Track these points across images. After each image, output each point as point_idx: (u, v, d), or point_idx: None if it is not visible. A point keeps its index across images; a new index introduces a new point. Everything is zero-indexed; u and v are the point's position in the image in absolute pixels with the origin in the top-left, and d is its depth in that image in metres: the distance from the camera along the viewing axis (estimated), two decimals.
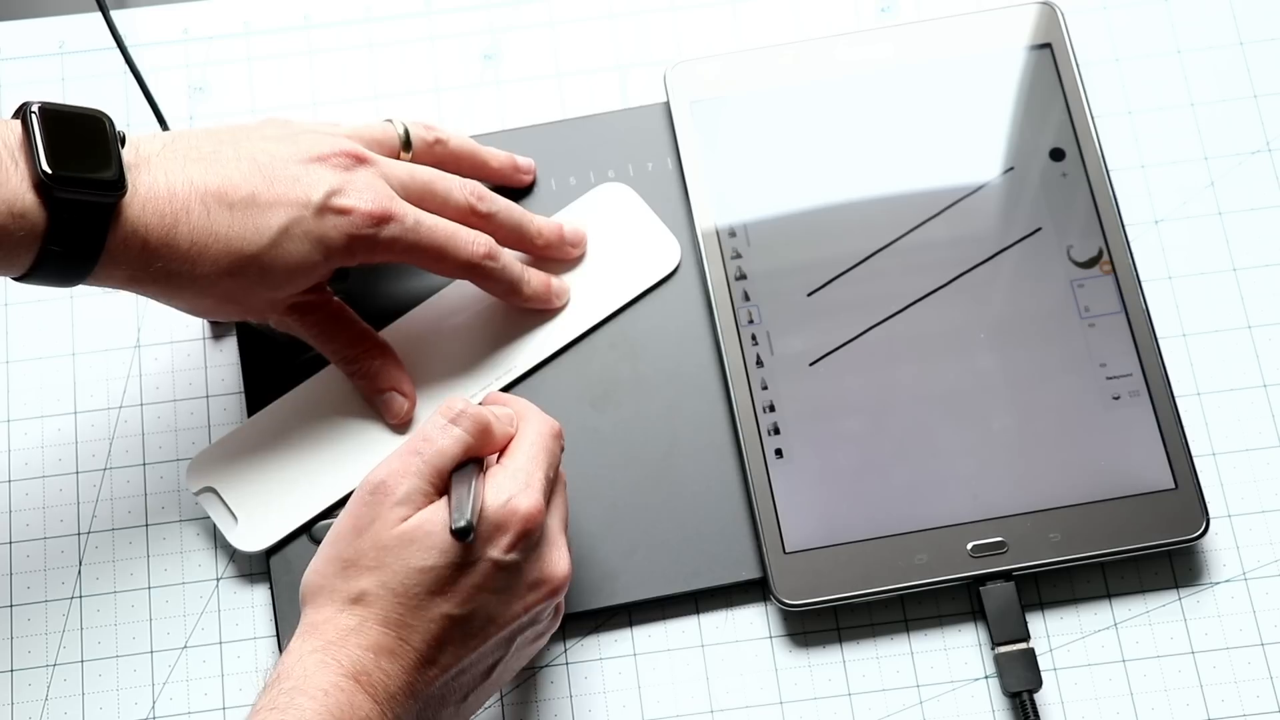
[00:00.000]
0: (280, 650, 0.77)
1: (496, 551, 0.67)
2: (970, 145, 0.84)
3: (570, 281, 0.82)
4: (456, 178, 0.78)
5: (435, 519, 0.67)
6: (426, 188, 0.76)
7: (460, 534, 0.65)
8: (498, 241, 0.78)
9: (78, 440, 0.82)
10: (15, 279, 0.70)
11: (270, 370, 0.81)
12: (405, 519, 0.68)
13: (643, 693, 0.77)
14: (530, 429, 0.72)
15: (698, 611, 0.79)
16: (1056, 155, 0.83)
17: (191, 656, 0.78)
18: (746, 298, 0.82)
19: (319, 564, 0.69)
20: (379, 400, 0.79)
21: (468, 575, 0.67)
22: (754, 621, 0.78)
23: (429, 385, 0.80)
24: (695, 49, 0.89)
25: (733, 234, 0.83)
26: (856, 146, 0.84)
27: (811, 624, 0.78)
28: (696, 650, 0.78)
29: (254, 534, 0.78)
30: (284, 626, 0.77)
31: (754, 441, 0.79)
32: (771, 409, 0.80)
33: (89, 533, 0.80)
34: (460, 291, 0.81)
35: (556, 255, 0.82)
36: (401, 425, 0.79)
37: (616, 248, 0.83)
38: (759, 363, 0.80)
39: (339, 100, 0.88)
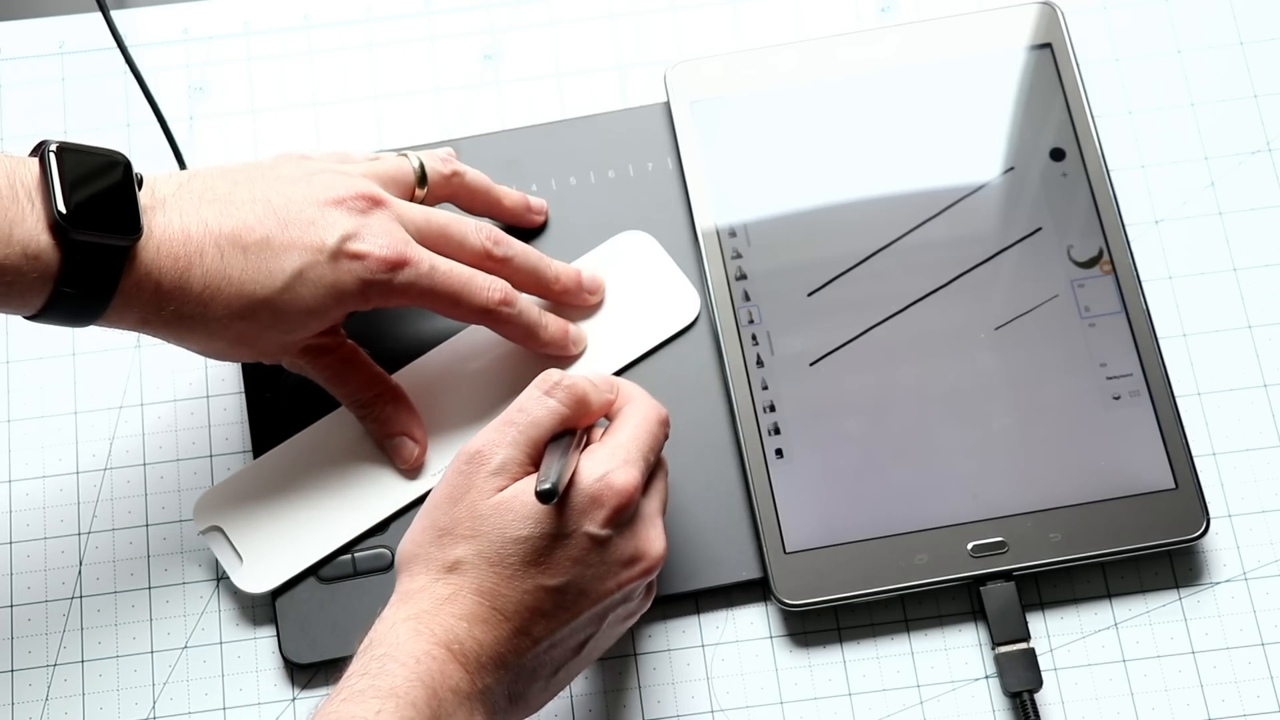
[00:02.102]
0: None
1: (592, 525, 0.67)
2: (970, 145, 0.84)
3: (588, 329, 0.81)
4: (472, 220, 0.78)
5: (531, 489, 0.67)
6: (442, 231, 0.76)
7: (543, 496, 0.65)
8: (514, 286, 0.78)
9: (78, 440, 0.82)
10: (26, 318, 0.69)
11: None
12: (501, 489, 0.68)
13: (643, 693, 0.77)
14: (636, 410, 0.72)
15: (698, 611, 0.79)
16: (1057, 155, 0.84)
17: (192, 656, 0.78)
18: (747, 298, 0.82)
19: (414, 533, 0.69)
20: (389, 444, 0.79)
21: (562, 547, 0.67)
22: (754, 621, 0.78)
23: (442, 430, 0.80)
24: (695, 49, 0.89)
25: (733, 234, 0.83)
26: (856, 146, 0.84)
27: (812, 624, 0.78)
28: (697, 650, 0.78)
29: (259, 575, 0.77)
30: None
31: (754, 441, 0.79)
32: (772, 409, 0.80)
33: (89, 533, 0.80)
34: (476, 336, 0.81)
35: (574, 301, 0.81)
36: (412, 470, 0.79)
37: (635, 296, 0.82)
38: (759, 363, 0.80)
39: (339, 100, 0.88)
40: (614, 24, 0.90)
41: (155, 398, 0.82)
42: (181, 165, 0.84)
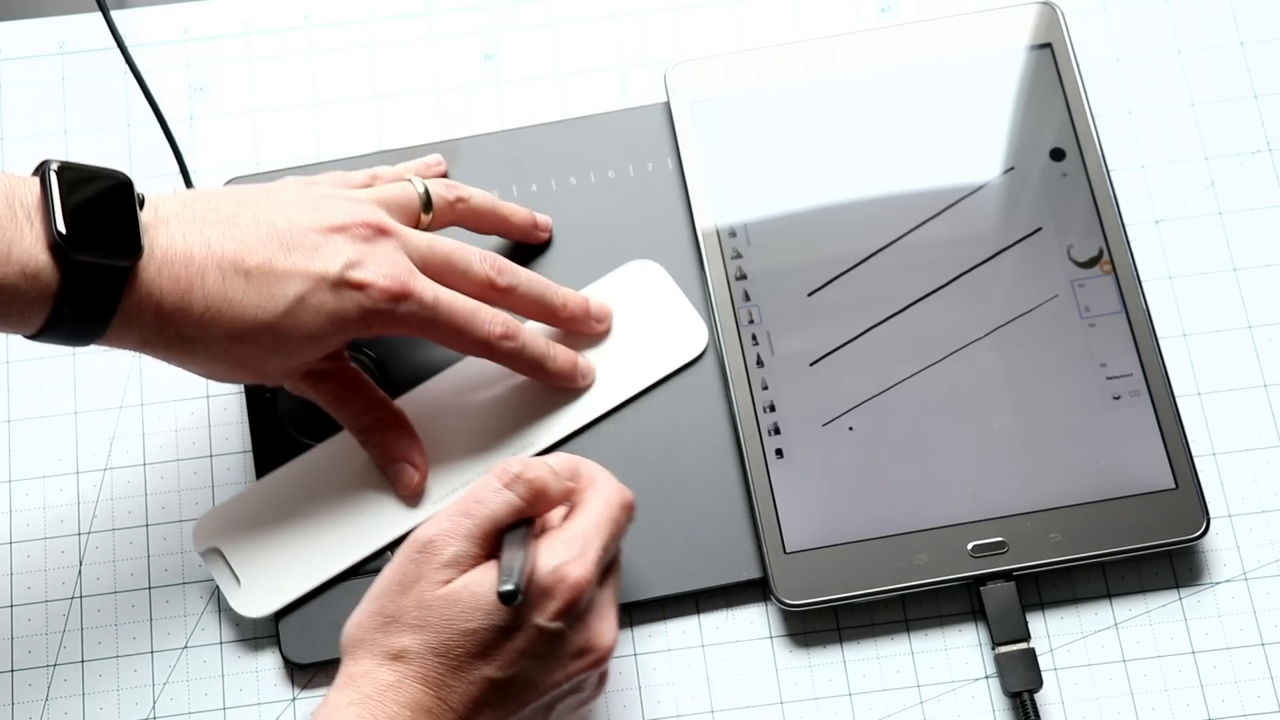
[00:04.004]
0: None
1: (542, 618, 0.67)
2: (970, 145, 0.84)
3: (594, 359, 0.81)
4: (477, 251, 0.77)
5: (482, 581, 0.67)
6: (446, 261, 0.76)
7: (506, 598, 0.65)
8: (520, 313, 0.78)
9: (78, 440, 0.82)
10: (26, 337, 0.69)
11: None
12: (450, 581, 0.67)
13: (643, 693, 0.77)
14: (599, 497, 0.71)
15: (698, 611, 0.79)
16: (1057, 155, 0.84)
17: (192, 656, 0.78)
18: (747, 298, 0.82)
19: (361, 617, 0.69)
20: (390, 470, 0.78)
21: (511, 640, 0.67)
22: (754, 621, 0.78)
23: (443, 458, 0.79)
24: (695, 49, 0.89)
25: (733, 234, 0.83)
26: (856, 146, 0.84)
27: (812, 624, 0.78)
28: (697, 650, 0.78)
29: (257, 600, 0.77)
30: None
31: (754, 441, 0.79)
32: (772, 409, 0.80)
33: (89, 533, 0.80)
34: (482, 364, 0.79)
35: (581, 329, 0.81)
36: (412, 497, 0.78)
37: (643, 327, 0.82)
38: (759, 363, 0.80)
39: (339, 100, 0.88)
40: (614, 24, 0.90)
41: (155, 398, 0.82)
42: (181, 165, 0.84)
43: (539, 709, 0.68)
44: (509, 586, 0.65)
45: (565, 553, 0.68)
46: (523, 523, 0.69)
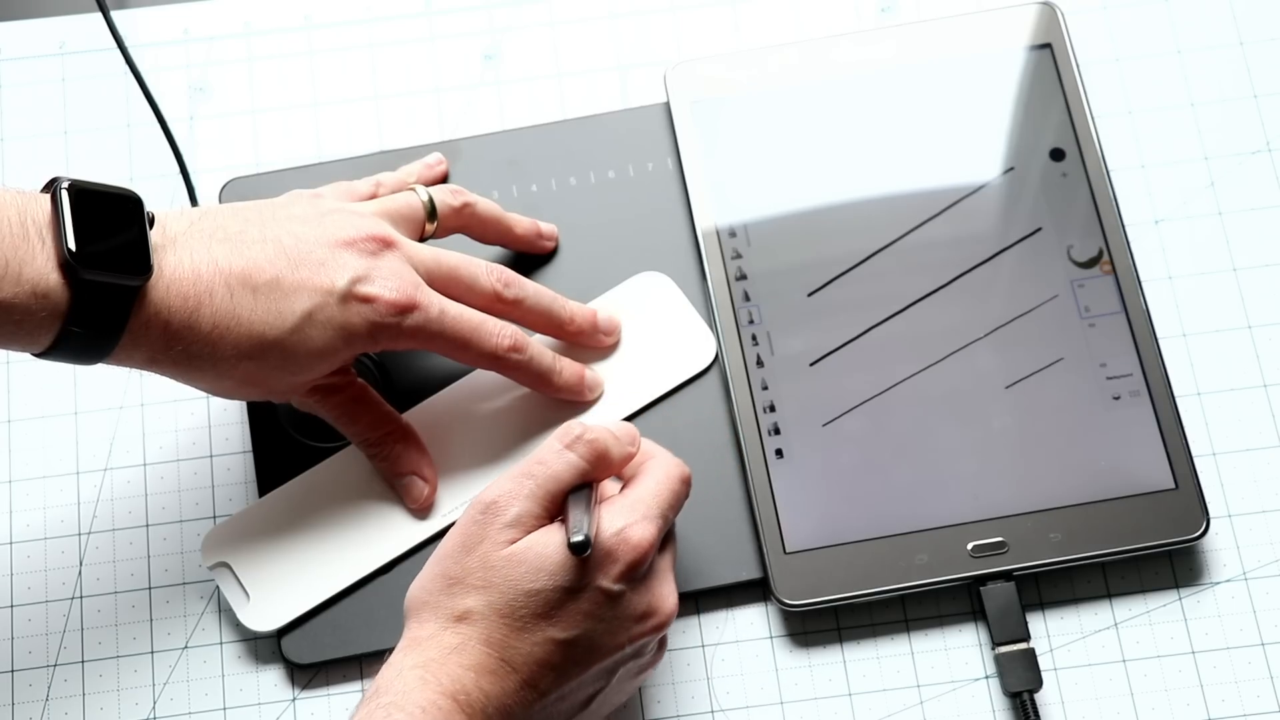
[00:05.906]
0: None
1: (606, 580, 0.67)
2: (970, 145, 0.84)
3: (602, 371, 0.80)
4: (483, 263, 0.77)
5: (546, 542, 0.67)
6: (452, 274, 0.76)
7: (578, 548, 0.65)
8: (528, 326, 0.78)
9: (78, 440, 0.82)
10: (34, 355, 0.69)
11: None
12: (514, 541, 0.68)
13: (643, 693, 0.77)
14: (658, 467, 0.72)
15: (698, 611, 0.79)
16: (1056, 155, 0.84)
17: (192, 656, 0.78)
18: (747, 298, 0.82)
19: (424, 580, 0.69)
20: (399, 484, 0.78)
21: (575, 601, 0.67)
22: (754, 621, 0.78)
23: (453, 470, 0.79)
24: (695, 49, 0.89)
25: (733, 234, 0.83)
26: (856, 146, 0.84)
27: (812, 624, 0.78)
28: (697, 650, 0.78)
29: (266, 613, 0.77)
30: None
31: (754, 441, 0.79)
32: (772, 409, 0.80)
33: (89, 533, 0.80)
34: (489, 376, 0.79)
35: (589, 343, 0.80)
36: (421, 510, 0.78)
37: (651, 340, 0.81)
38: (759, 363, 0.80)
39: (339, 100, 0.88)
40: (614, 24, 0.90)
41: (155, 398, 0.82)
42: (181, 166, 0.84)
43: (601, 672, 0.69)
44: (579, 537, 0.65)
45: (628, 516, 0.69)
46: (585, 485, 0.70)
